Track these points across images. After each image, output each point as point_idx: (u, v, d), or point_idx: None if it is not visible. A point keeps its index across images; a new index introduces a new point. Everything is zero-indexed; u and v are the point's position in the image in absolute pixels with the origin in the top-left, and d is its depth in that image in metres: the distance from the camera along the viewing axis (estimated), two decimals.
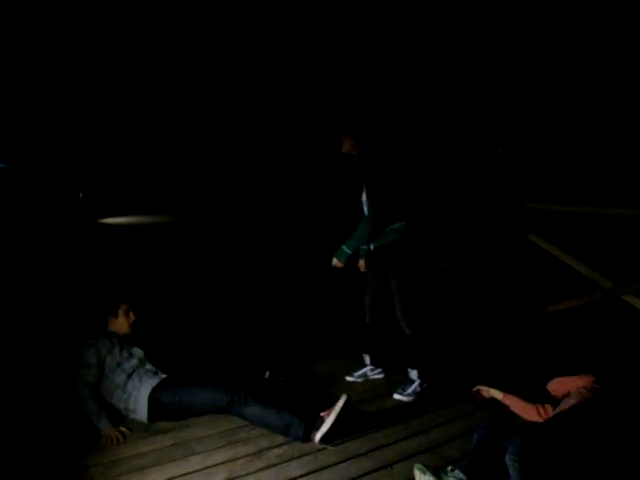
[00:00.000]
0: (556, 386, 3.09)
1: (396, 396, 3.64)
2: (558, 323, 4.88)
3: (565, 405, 2.84)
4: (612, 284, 4.30)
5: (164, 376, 3.37)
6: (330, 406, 3.06)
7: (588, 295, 4.48)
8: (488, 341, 4.71)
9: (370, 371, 4.02)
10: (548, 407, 3.10)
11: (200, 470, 2.74)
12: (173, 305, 6.14)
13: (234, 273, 8.29)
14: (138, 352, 3.49)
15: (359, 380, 3.96)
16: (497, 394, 3.41)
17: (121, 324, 3.56)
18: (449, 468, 2.57)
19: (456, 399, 3.58)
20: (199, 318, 5.64)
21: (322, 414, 3.04)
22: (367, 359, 4.02)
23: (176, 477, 2.68)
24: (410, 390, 3.65)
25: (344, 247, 3.53)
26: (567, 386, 3.01)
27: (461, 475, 2.49)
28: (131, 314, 3.59)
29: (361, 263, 4.02)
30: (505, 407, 3.33)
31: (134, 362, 3.40)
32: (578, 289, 4.64)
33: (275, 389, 3.60)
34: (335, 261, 3.53)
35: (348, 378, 3.98)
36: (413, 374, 3.71)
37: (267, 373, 3.72)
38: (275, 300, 6.57)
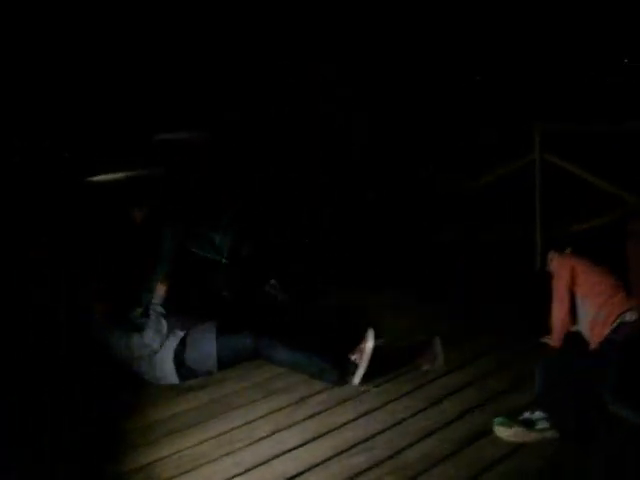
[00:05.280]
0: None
1: None
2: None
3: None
4: (636, 199, 4.16)
5: (182, 334, 3.21)
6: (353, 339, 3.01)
7: (612, 212, 4.35)
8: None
9: None
10: None
11: (244, 425, 2.62)
12: None
13: None
14: None
15: None
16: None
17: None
18: (526, 413, 2.46)
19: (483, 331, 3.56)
20: None
21: (352, 357, 2.96)
22: None
23: (220, 434, 2.55)
24: None
25: None
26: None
27: (542, 414, 2.40)
28: None
29: None
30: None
31: None
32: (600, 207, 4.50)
33: (294, 325, 3.50)
34: None
35: None
36: None
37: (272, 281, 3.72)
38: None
